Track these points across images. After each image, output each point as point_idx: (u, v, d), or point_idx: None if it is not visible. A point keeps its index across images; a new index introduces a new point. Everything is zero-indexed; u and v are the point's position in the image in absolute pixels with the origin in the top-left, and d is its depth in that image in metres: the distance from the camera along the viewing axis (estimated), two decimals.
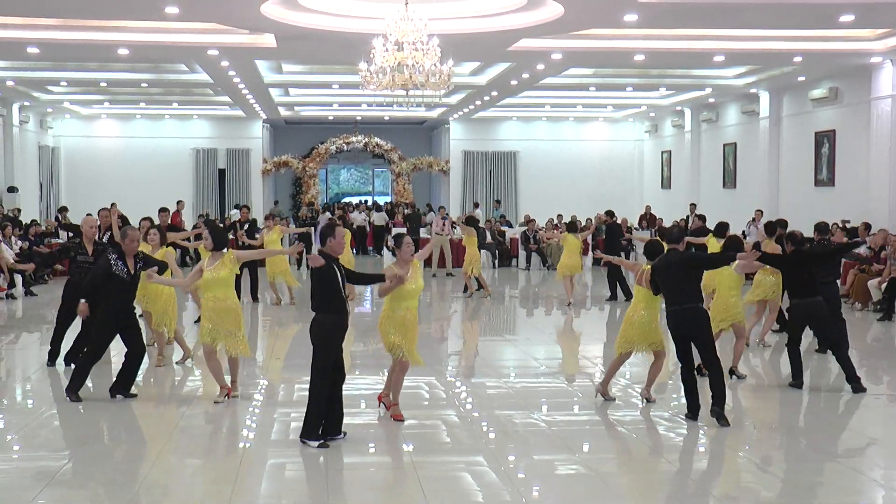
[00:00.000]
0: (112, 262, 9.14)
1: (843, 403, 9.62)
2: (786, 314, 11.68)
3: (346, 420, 8.33)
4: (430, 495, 6.53)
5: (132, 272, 9.22)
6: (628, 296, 17.22)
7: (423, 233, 24.71)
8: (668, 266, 8.56)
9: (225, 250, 8.96)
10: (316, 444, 7.53)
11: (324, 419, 7.63)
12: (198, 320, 12.75)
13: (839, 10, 14.22)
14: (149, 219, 13.18)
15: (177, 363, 11.04)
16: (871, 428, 8.79)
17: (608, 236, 17.71)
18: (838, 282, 11.99)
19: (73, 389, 9.10)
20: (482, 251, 24.41)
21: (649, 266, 8.86)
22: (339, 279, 7.69)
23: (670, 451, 7.83)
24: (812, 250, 10.49)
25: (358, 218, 29.59)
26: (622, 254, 19.75)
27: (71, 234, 10.97)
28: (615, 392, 9.61)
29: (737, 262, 9.49)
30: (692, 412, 8.48)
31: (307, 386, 7.61)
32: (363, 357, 11.82)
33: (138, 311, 10.19)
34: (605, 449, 7.84)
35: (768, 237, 12.66)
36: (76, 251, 10.73)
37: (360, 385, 9.85)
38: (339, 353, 7.73)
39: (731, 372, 10.18)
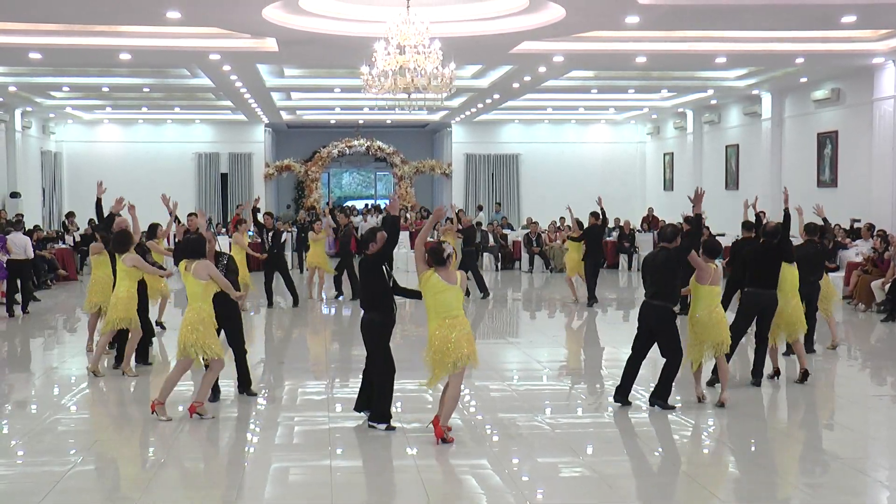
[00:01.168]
0: None
1: (846, 404, 9.61)
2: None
3: (349, 423, 8.35)
4: (434, 498, 6.53)
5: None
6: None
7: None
8: (654, 263, 9.08)
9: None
10: (384, 426, 8.12)
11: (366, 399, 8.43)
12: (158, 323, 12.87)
13: (841, 11, 14.21)
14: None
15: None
16: (875, 429, 8.78)
17: (590, 239, 17.58)
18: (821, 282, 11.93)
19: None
20: (485, 254, 24.46)
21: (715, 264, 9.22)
22: (389, 279, 8.21)
23: (674, 453, 7.82)
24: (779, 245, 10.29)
25: (356, 221, 29.50)
26: (603, 259, 19.65)
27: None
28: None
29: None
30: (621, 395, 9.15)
31: (309, 389, 7.62)
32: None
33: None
34: (609, 451, 7.83)
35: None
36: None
37: None
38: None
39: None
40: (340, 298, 17.88)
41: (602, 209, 17.28)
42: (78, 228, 24.65)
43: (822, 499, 6.64)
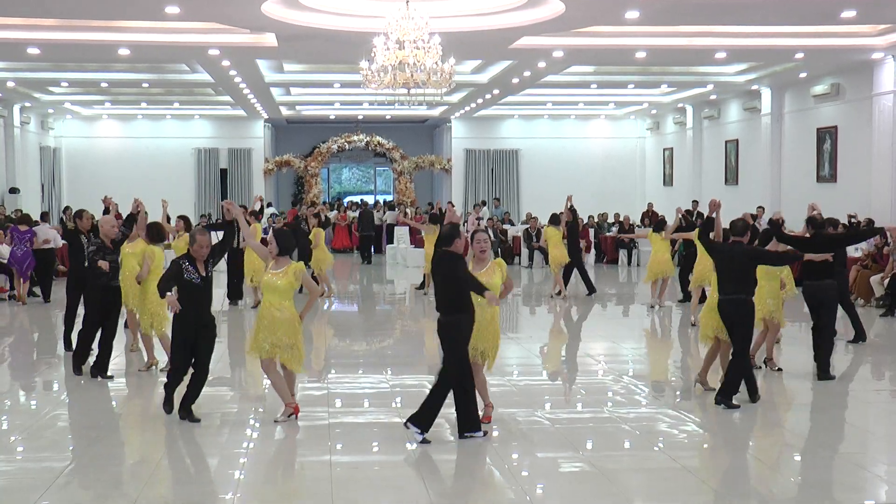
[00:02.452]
0: (183, 267, 8.34)
1: (846, 400, 9.62)
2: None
3: (349, 419, 8.35)
4: (434, 494, 6.53)
5: (204, 276, 8.44)
6: (591, 289, 17.22)
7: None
8: (732, 257, 8.99)
9: (291, 259, 8.38)
10: (482, 434, 7.75)
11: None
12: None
13: (841, 5, 14.21)
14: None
15: (140, 370, 10.56)
16: (874, 424, 8.79)
17: (569, 235, 17.68)
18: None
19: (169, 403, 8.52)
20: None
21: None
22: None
23: (674, 447, 7.82)
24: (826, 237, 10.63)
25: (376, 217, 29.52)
26: (581, 253, 19.67)
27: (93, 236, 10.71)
28: (618, 388, 9.62)
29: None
30: (752, 395, 9.03)
31: (310, 385, 7.60)
32: (367, 356, 11.83)
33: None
34: (609, 446, 7.82)
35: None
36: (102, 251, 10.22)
37: (364, 384, 9.86)
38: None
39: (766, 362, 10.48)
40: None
41: (573, 206, 17.83)
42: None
43: (821, 494, 6.64)
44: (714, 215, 9.57)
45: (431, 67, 12.81)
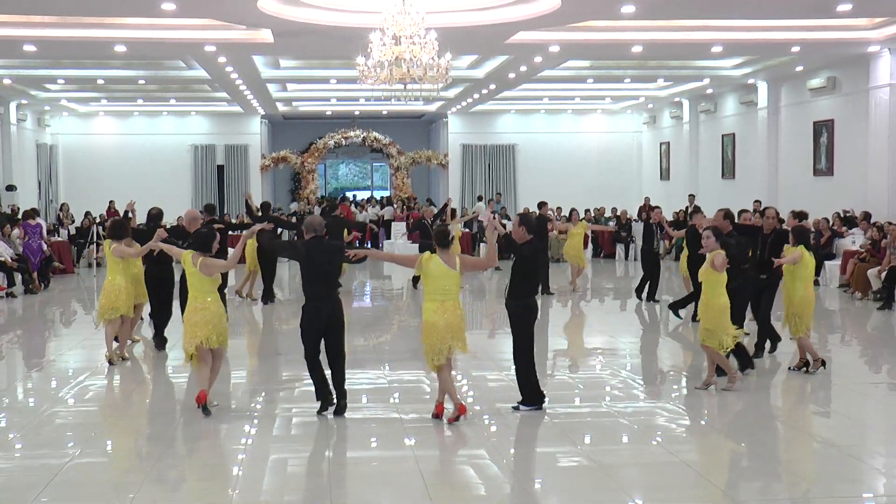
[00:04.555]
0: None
1: (842, 392, 9.64)
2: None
3: (347, 415, 8.36)
4: (433, 489, 6.54)
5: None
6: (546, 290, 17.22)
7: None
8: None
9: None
10: (530, 408, 8.45)
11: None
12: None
13: None
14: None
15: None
16: (872, 416, 8.81)
17: (537, 228, 17.84)
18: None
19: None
20: (481, 244, 24.45)
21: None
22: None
23: (672, 441, 7.84)
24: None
25: (371, 213, 29.53)
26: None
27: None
28: (616, 382, 9.64)
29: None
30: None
31: (307, 381, 7.58)
32: (364, 352, 11.82)
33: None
34: (606, 441, 7.84)
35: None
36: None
37: (362, 379, 9.86)
38: None
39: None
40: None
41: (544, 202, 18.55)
42: (73, 221, 24.60)
43: (819, 486, 6.66)
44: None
45: (428, 63, 12.80)
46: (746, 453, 7.60)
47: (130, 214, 12.38)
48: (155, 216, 12.03)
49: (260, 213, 16.14)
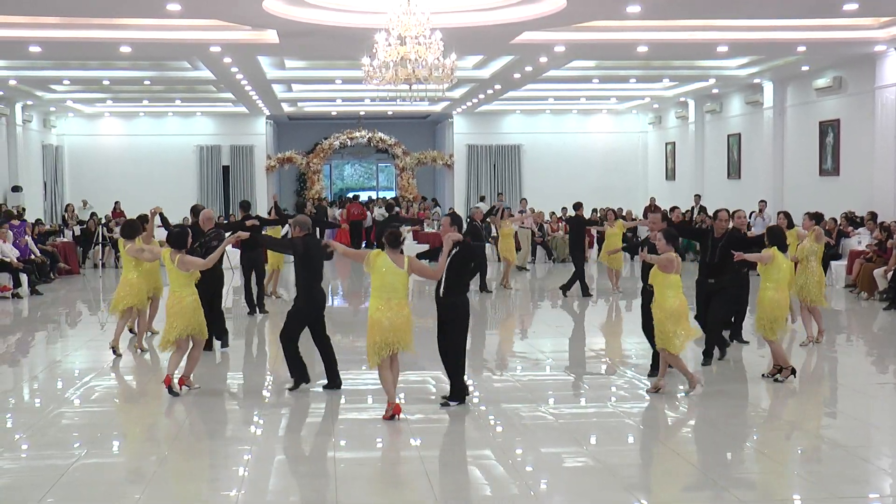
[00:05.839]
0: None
1: (848, 392, 9.62)
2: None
3: (353, 415, 8.35)
4: (439, 489, 6.53)
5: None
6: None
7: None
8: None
9: None
10: (457, 403, 8.69)
11: None
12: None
13: None
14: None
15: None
16: (878, 417, 8.79)
17: (571, 230, 17.79)
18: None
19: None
20: (487, 245, 24.43)
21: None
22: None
23: (678, 442, 7.82)
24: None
25: (378, 213, 29.51)
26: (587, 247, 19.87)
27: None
28: (621, 382, 9.63)
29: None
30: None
31: (313, 383, 7.57)
32: (364, 353, 11.80)
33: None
34: (612, 441, 7.83)
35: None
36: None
37: (367, 380, 9.85)
38: None
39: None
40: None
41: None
42: (78, 222, 24.63)
43: (825, 487, 6.64)
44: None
45: (433, 63, 12.79)
46: (751, 453, 7.59)
47: (159, 221, 12.36)
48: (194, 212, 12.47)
49: (278, 215, 15.88)
